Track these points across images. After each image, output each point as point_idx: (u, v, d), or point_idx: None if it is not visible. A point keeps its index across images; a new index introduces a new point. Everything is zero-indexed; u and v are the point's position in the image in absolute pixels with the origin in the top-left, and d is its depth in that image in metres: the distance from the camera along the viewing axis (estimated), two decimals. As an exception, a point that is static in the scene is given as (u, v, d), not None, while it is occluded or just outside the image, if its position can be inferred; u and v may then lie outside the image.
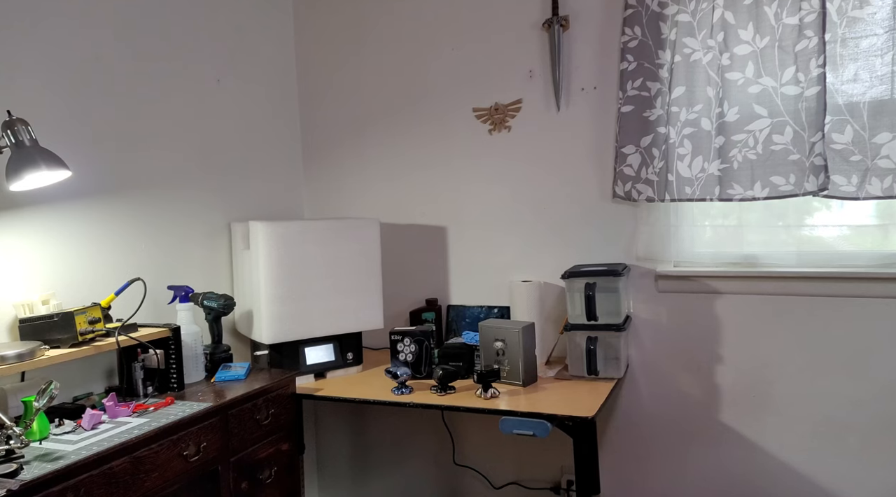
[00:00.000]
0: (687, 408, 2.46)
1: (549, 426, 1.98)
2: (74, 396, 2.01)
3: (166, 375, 2.11)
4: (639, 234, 2.46)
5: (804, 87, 2.12)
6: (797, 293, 2.27)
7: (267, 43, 2.88)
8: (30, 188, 1.80)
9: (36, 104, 1.95)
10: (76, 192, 2.06)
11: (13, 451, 1.55)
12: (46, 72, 2.01)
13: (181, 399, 2.00)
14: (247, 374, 2.24)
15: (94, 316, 1.91)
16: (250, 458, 2.06)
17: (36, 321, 1.86)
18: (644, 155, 2.37)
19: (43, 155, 1.77)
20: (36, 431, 1.67)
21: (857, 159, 2.09)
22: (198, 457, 1.84)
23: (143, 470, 1.68)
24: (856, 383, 2.22)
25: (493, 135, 2.69)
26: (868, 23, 2.07)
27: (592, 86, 2.52)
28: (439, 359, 2.45)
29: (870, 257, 2.20)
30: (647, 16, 2.33)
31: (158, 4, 2.38)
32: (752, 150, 2.21)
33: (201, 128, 2.52)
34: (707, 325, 2.40)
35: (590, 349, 2.27)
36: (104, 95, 2.18)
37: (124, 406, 1.88)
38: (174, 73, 2.43)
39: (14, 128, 1.75)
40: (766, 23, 2.17)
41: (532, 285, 2.52)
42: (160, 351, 2.09)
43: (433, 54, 2.74)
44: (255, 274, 2.39)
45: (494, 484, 2.78)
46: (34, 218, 1.97)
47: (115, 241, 2.21)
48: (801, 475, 2.31)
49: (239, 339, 2.66)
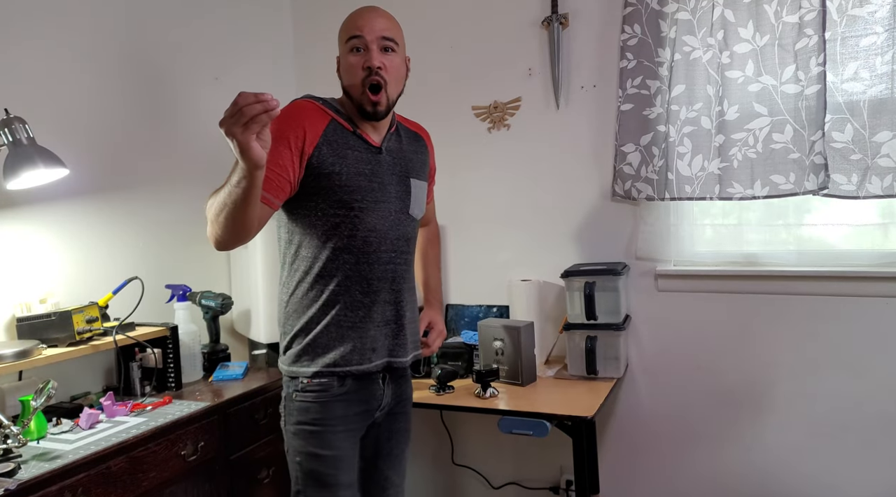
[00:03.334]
0: (686, 407, 2.45)
1: (548, 426, 1.98)
2: (72, 396, 2.00)
3: (164, 374, 2.11)
4: (638, 233, 2.46)
5: (804, 86, 2.12)
6: (797, 292, 2.27)
7: (265, 40, 2.87)
8: (27, 186, 1.79)
9: (33, 102, 1.94)
10: (74, 191, 2.05)
11: (11, 450, 1.55)
12: (44, 70, 2.00)
13: (179, 398, 2.00)
14: (244, 373, 2.24)
15: (91, 315, 1.91)
16: (248, 457, 2.05)
17: (33, 320, 1.85)
18: (644, 153, 2.36)
19: (40, 153, 1.76)
20: (33, 431, 1.66)
21: (858, 158, 2.09)
22: (195, 456, 1.84)
23: (141, 469, 1.67)
24: (856, 383, 2.21)
25: (492, 133, 2.68)
26: (868, 21, 2.06)
27: (592, 84, 2.51)
28: (438, 358, 2.44)
29: (870, 256, 2.19)
30: (647, 14, 2.32)
31: (157, 2, 2.37)
32: (752, 148, 2.21)
33: (200, 126, 2.52)
34: (707, 324, 2.40)
35: (589, 348, 2.27)
36: (102, 94, 2.17)
37: (122, 405, 1.88)
38: (172, 70, 2.43)
39: (11, 126, 1.75)
40: (766, 21, 2.16)
41: (531, 284, 2.51)
42: (158, 350, 2.08)
43: (432, 52, 2.73)
44: (252, 273, 2.39)
45: (493, 484, 2.77)
46: (32, 216, 1.97)
47: (112, 240, 2.20)
48: (800, 475, 2.31)
49: (237, 339, 2.65)
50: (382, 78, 1.49)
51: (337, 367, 1.53)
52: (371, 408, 1.61)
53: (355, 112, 1.54)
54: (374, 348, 1.57)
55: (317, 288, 1.53)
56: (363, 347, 1.55)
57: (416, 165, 1.67)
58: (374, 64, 1.48)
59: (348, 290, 1.53)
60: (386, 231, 1.56)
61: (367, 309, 1.55)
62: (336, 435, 1.54)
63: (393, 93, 1.54)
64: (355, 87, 1.50)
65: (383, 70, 1.49)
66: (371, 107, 1.50)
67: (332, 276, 1.52)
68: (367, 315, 1.55)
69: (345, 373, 1.53)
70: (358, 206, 1.51)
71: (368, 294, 1.55)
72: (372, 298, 1.55)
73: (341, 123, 1.53)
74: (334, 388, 1.53)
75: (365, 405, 1.59)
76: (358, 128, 1.55)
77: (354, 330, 1.54)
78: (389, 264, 1.57)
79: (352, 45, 1.50)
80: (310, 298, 1.54)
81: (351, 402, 1.56)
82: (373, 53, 1.48)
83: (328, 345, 1.53)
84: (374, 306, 1.56)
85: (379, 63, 1.48)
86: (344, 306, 1.53)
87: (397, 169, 1.61)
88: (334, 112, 1.54)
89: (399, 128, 1.68)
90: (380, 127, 1.59)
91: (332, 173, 1.48)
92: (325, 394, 1.53)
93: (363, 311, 1.54)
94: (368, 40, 1.49)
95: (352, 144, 1.53)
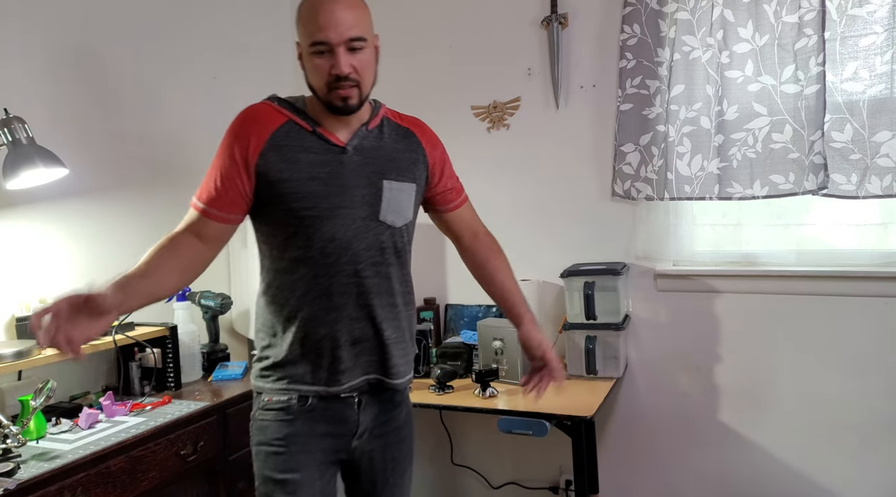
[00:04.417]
0: (686, 407, 2.45)
1: (547, 426, 1.98)
2: (71, 395, 2.00)
3: (163, 374, 2.10)
4: (638, 233, 2.45)
5: (804, 86, 2.12)
6: (797, 292, 2.27)
7: (264, 39, 2.87)
8: (26, 186, 1.79)
9: (32, 102, 1.94)
10: (73, 190, 2.05)
11: (10, 450, 1.55)
12: (43, 69, 2.00)
13: (178, 398, 2.00)
14: (244, 373, 2.24)
15: (90, 315, 1.90)
16: (248, 457, 2.04)
17: (32, 320, 1.85)
18: (643, 153, 2.36)
19: (40, 153, 1.76)
20: (33, 430, 1.66)
21: (857, 158, 2.09)
22: (195, 456, 1.84)
23: (141, 469, 1.67)
24: (856, 383, 2.21)
25: (491, 133, 2.68)
26: (867, 21, 2.06)
27: (591, 84, 2.51)
28: (437, 358, 2.44)
29: (869, 256, 2.19)
30: (647, 13, 2.32)
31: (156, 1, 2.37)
32: (751, 148, 2.21)
33: (198, 125, 2.51)
34: (706, 324, 2.40)
35: (588, 348, 2.27)
36: (101, 93, 2.17)
37: (121, 405, 1.88)
38: (171, 69, 2.43)
39: (10, 126, 1.75)
40: (766, 21, 2.16)
41: (531, 284, 2.51)
42: (157, 350, 2.08)
43: (431, 52, 2.73)
44: (252, 273, 2.38)
45: (493, 484, 2.77)
46: (31, 216, 1.96)
47: (112, 239, 2.20)
48: (800, 474, 2.31)
49: (236, 338, 2.65)
50: (353, 81, 1.35)
51: (299, 385, 1.41)
52: (342, 433, 1.45)
53: (322, 108, 1.40)
54: (342, 369, 1.41)
55: (279, 302, 1.43)
56: (330, 367, 1.41)
57: (399, 165, 1.47)
58: (344, 71, 1.33)
59: (309, 305, 1.40)
60: (349, 240, 1.39)
61: (329, 326, 1.40)
62: (294, 458, 1.41)
63: (366, 87, 1.39)
64: (321, 89, 1.37)
65: (353, 73, 1.34)
66: (341, 102, 1.36)
67: (291, 290, 1.41)
68: (330, 333, 1.40)
69: (308, 393, 1.41)
70: (311, 214, 1.37)
71: (330, 310, 1.40)
72: (334, 315, 1.40)
73: (299, 124, 1.40)
74: (294, 408, 1.41)
75: (331, 428, 1.44)
76: (321, 126, 1.40)
77: (318, 348, 1.40)
78: (354, 277, 1.40)
79: (316, 49, 1.34)
80: (273, 313, 1.44)
81: (315, 423, 1.42)
82: (340, 58, 1.32)
83: (291, 362, 1.41)
84: (339, 323, 1.40)
85: (348, 69, 1.33)
86: (305, 323, 1.40)
87: (367, 170, 1.42)
88: (293, 111, 1.41)
89: (385, 123, 1.49)
90: (350, 122, 1.42)
91: (280, 180, 1.36)
92: (284, 413, 1.41)
93: (326, 329, 1.40)
94: (334, 44, 1.32)
95: (308, 146, 1.39)
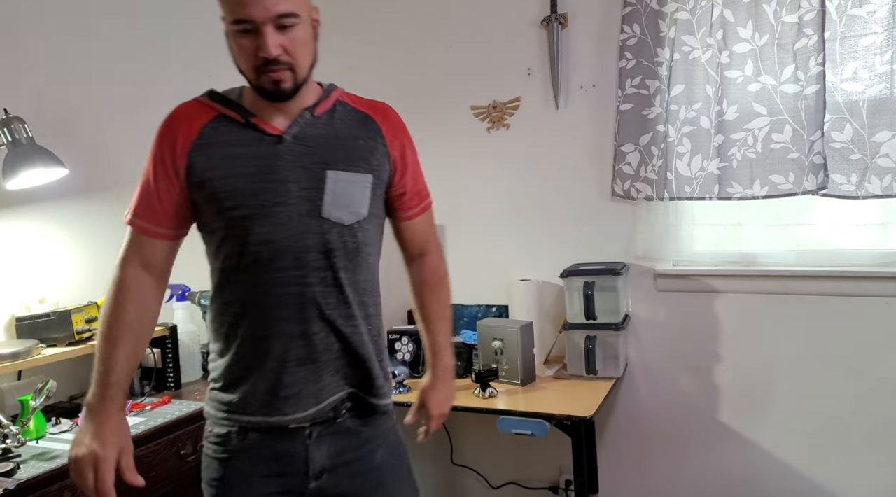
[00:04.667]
0: (686, 407, 2.45)
1: (547, 426, 1.98)
2: (71, 395, 2.00)
3: (163, 374, 2.11)
4: (638, 233, 2.45)
5: (803, 86, 2.12)
6: (796, 292, 2.27)
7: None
8: (26, 186, 1.79)
9: (32, 102, 1.94)
10: (73, 190, 2.05)
11: (10, 449, 1.55)
12: (43, 69, 2.00)
13: (178, 398, 2.00)
14: (244, 373, 2.23)
15: (90, 315, 1.91)
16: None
17: (32, 320, 1.85)
18: (643, 153, 2.36)
19: (39, 153, 1.77)
20: (33, 430, 1.66)
21: (857, 158, 2.09)
22: (195, 456, 1.83)
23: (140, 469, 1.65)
24: (855, 383, 2.21)
25: (491, 133, 2.68)
26: (867, 21, 2.06)
27: (591, 84, 2.51)
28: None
29: (869, 256, 2.19)
30: (646, 13, 2.32)
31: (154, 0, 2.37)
32: (751, 148, 2.21)
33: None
34: (706, 324, 2.40)
35: (588, 348, 2.27)
36: (100, 93, 2.17)
37: (121, 405, 1.87)
38: (167, 68, 2.42)
39: (10, 126, 1.75)
40: (766, 21, 2.16)
41: (530, 284, 2.51)
42: (157, 350, 2.08)
43: (431, 52, 2.73)
44: (252, 272, 2.38)
45: (492, 484, 2.77)
46: (31, 216, 1.97)
47: (112, 240, 2.19)
48: (800, 475, 2.31)
49: (237, 338, 2.65)
50: (284, 63, 1.18)
51: (237, 414, 1.25)
52: (290, 472, 1.25)
53: (257, 96, 1.24)
54: (285, 396, 1.23)
55: (220, 318, 1.28)
56: (270, 394, 1.23)
57: (351, 154, 1.28)
58: (272, 54, 1.16)
59: (248, 320, 1.24)
60: (285, 242, 1.21)
61: (266, 344, 1.22)
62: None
63: (302, 69, 1.22)
64: (250, 73, 1.21)
65: (284, 55, 1.17)
66: (272, 85, 1.19)
67: (229, 303, 1.26)
68: (267, 352, 1.22)
69: (246, 424, 1.24)
70: (239, 215, 1.21)
71: (266, 325, 1.23)
72: (271, 331, 1.22)
73: (230, 116, 1.25)
74: (233, 442, 1.25)
75: (276, 468, 1.25)
76: (255, 116, 1.25)
77: (256, 371, 1.23)
78: (294, 286, 1.22)
79: (240, 27, 1.16)
80: (214, 330, 1.30)
81: (255, 463, 1.25)
82: (267, 39, 1.15)
83: (230, 387, 1.26)
84: (277, 341, 1.22)
85: (277, 51, 1.16)
86: (243, 341, 1.24)
87: (308, 160, 1.24)
88: (224, 104, 1.26)
89: (338, 107, 1.31)
90: (290, 108, 1.25)
91: (207, 180, 1.22)
92: (221, 449, 1.26)
93: (263, 347, 1.23)
94: (259, 22, 1.14)
95: (238, 139, 1.24)
